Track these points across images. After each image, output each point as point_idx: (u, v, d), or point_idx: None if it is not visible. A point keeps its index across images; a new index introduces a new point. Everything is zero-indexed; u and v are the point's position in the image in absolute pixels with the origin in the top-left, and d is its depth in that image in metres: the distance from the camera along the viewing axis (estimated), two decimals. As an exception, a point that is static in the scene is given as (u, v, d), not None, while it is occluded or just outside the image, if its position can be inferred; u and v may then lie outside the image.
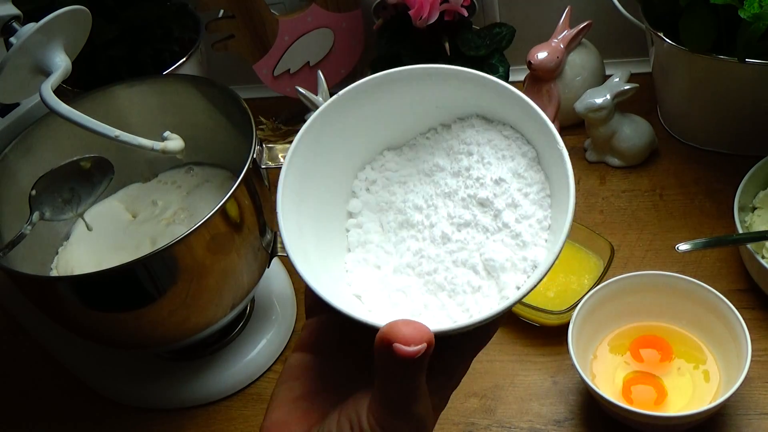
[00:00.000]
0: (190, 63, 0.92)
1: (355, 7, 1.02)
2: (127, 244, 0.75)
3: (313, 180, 0.43)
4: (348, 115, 0.44)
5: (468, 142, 0.43)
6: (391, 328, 0.36)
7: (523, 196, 0.41)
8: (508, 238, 0.41)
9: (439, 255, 0.42)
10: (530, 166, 0.42)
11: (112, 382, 0.80)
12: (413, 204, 0.43)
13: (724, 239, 0.76)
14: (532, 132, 0.42)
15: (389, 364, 0.36)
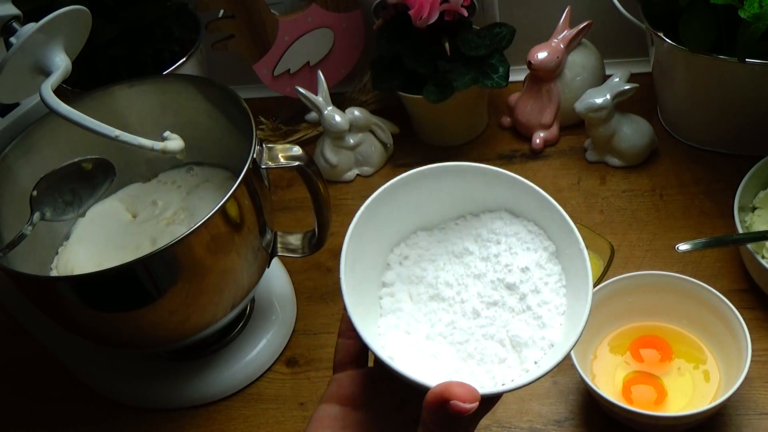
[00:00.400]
0: (190, 63, 0.92)
1: (355, 7, 1.02)
2: (127, 244, 0.75)
3: (358, 253, 0.48)
4: (389, 204, 0.50)
5: (497, 233, 0.49)
6: (447, 387, 0.41)
7: (544, 285, 0.48)
8: (531, 319, 0.47)
9: (470, 328, 0.47)
10: (550, 259, 0.48)
11: (112, 382, 0.80)
12: (444, 280, 0.49)
13: (724, 239, 0.76)
14: (553, 229, 0.49)
15: (442, 420, 0.41)
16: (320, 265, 0.88)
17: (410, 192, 0.50)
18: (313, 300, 0.85)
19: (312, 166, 0.69)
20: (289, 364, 0.79)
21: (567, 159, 0.95)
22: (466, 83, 0.89)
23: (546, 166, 0.95)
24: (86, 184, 0.70)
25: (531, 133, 0.97)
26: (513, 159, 0.97)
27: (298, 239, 0.76)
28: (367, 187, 0.97)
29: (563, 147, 0.97)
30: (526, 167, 0.95)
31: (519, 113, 0.98)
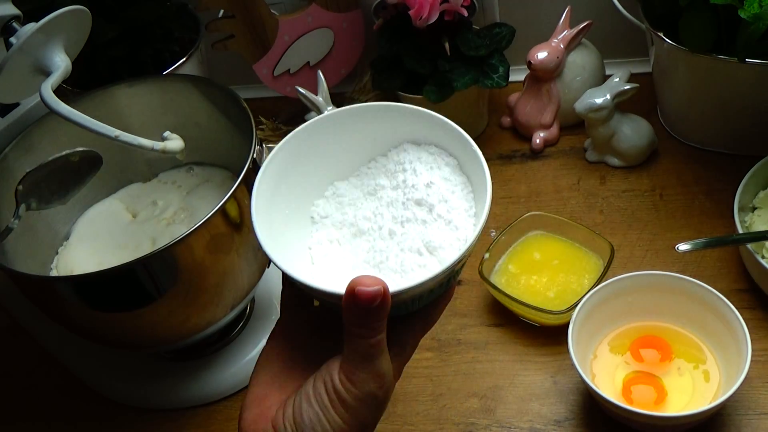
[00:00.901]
0: (190, 63, 0.92)
1: (355, 7, 1.02)
2: (127, 244, 0.76)
3: (280, 194, 0.52)
4: (304, 148, 0.53)
5: (402, 162, 0.53)
6: (355, 280, 0.43)
7: (451, 194, 0.51)
8: (443, 225, 0.50)
9: (389, 247, 0.50)
10: (453, 172, 0.52)
11: (112, 382, 0.80)
12: (363, 216, 0.52)
13: (724, 239, 0.76)
14: (453, 146, 0.52)
15: (354, 314, 0.44)
16: (320, 265, 0.88)
17: (315, 144, 0.53)
18: (313, 300, 0.85)
19: (312, 166, 0.69)
20: (289, 364, 0.79)
21: (567, 159, 0.95)
22: (466, 83, 0.89)
23: (546, 166, 0.95)
24: (73, 175, 0.69)
25: (531, 133, 0.97)
26: (513, 159, 0.97)
27: (298, 239, 0.76)
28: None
29: (563, 147, 0.97)
30: (526, 167, 0.95)
31: (519, 113, 0.98)
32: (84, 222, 0.80)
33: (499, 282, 0.79)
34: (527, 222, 0.82)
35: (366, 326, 0.44)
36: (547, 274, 0.79)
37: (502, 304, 0.78)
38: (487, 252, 0.79)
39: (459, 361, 0.76)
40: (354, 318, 0.44)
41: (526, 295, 0.77)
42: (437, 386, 0.74)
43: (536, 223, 0.82)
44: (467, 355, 0.76)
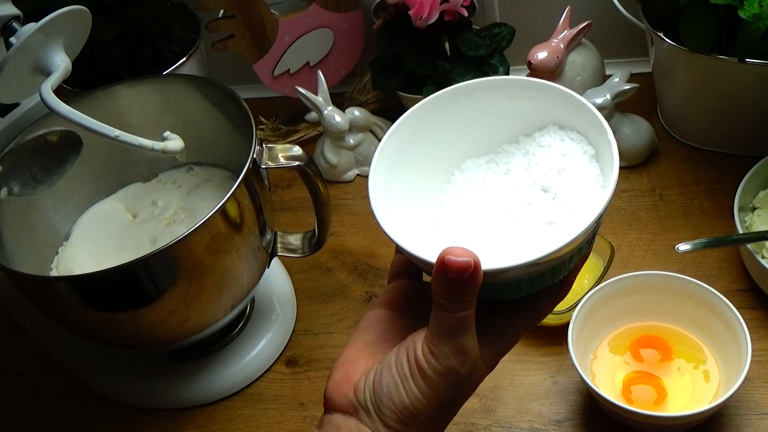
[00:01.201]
0: (190, 63, 0.92)
1: (355, 7, 1.02)
2: (127, 244, 0.76)
3: (404, 165, 0.51)
4: (435, 119, 0.51)
5: (542, 144, 0.51)
6: (446, 250, 0.42)
7: (579, 183, 0.48)
8: (564, 210, 0.47)
9: (503, 227, 0.48)
10: (590, 162, 0.49)
11: (112, 382, 0.80)
12: (489, 193, 0.50)
13: (724, 239, 0.76)
14: (591, 133, 0.49)
15: (443, 285, 0.43)
16: (320, 265, 0.88)
17: (448, 116, 0.51)
18: (313, 300, 0.85)
19: (312, 166, 0.69)
20: (289, 364, 0.79)
21: (567, 159, 0.95)
22: (466, 83, 0.89)
23: (546, 166, 0.94)
24: (54, 158, 0.69)
25: (531, 133, 0.97)
26: (513, 159, 0.96)
27: (298, 239, 0.76)
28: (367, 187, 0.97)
29: (563, 147, 0.97)
30: (526, 167, 0.95)
31: (519, 113, 0.98)
32: (84, 222, 0.80)
33: (499, 282, 0.79)
34: (527, 222, 0.82)
35: (453, 299, 0.43)
36: (547, 274, 0.79)
37: (502, 304, 0.78)
38: (487, 252, 0.79)
39: (459, 361, 0.76)
40: (442, 289, 0.43)
41: (526, 295, 0.77)
42: (437, 386, 0.74)
43: (536, 223, 0.82)
44: (467, 355, 0.76)
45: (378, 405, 0.45)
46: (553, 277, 0.47)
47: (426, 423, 0.46)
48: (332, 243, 0.90)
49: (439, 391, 0.45)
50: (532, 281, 0.46)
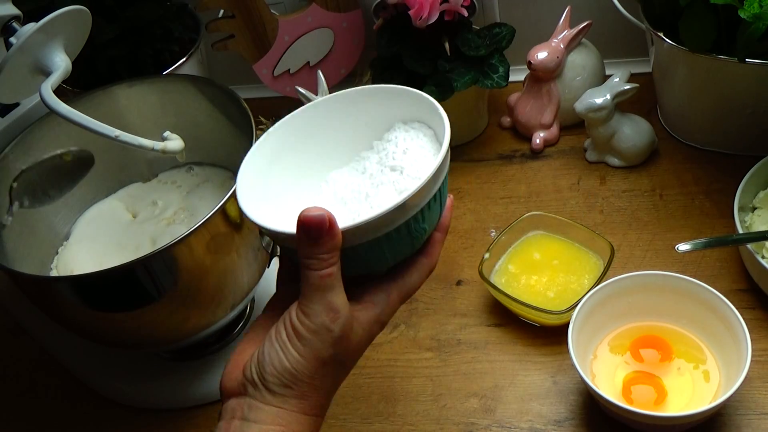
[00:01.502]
0: (190, 63, 0.92)
1: (355, 7, 1.02)
2: (127, 244, 0.76)
3: (271, 177, 0.56)
4: (299, 134, 0.57)
5: (390, 140, 0.56)
6: (303, 211, 0.46)
7: (423, 157, 0.54)
8: (410, 181, 0.52)
9: (362, 207, 0.53)
10: (430, 140, 0.55)
11: (112, 382, 0.80)
12: (350, 190, 0.55)
13: (724, 239, 0.76)
14: (430, 118, 0.55)
15: (305, 244, 0.46)
16: (320, 265, 0.88)
17: (309, 132, 0.57)
18: (313, 300, 0.85)
19: (312, 166, 0.69)
20: (289, 364, 0.79)
21: (567, 159, 0.95)
22: (466, 83, 0.89)
23: (546, 166, 0.95)
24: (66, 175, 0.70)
25: (531, 133, 0.97)
26: (513, 159, 0.97)
27: (298, 239, 0.76)
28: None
29: (563, 147, 0.97)
30: (526, 167, 0.95)
31: (519, 113, 0.98)
32: (84, 222, 0.80)
33: (499, 282, 0.79)
34: (527, 222, 0.82)
35: (316, 255, 0.46)
36: (547, 274, 0.79)
37: (502, 304, 0.78)
38: (487, 252, 0.79)
39: (459, 361, 0.76)
40: (306, 248, 0.46)
41: (526, 295, 0.77)
42: (437, 386, 0.74)
43: (536, 223, 0.82)
44: (467, 355, 0.76)
45: (262, 374, 0.48)
46: (412, 243, 0.51)
47: (309, 383, 0.48)
48: (332, 243, 0.90)
49: (316, 349, 0.48)
50: (392, 245, 0.49)
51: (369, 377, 0.76)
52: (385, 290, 0.51)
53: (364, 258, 0.49)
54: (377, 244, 0.48)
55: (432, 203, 0.50)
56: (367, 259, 0.50)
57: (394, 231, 0.48)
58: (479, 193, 0.93)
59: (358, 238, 0.48)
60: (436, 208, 0.51)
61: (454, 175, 0.95)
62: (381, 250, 0.49)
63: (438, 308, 0.81)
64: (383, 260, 0.50)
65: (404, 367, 0.77)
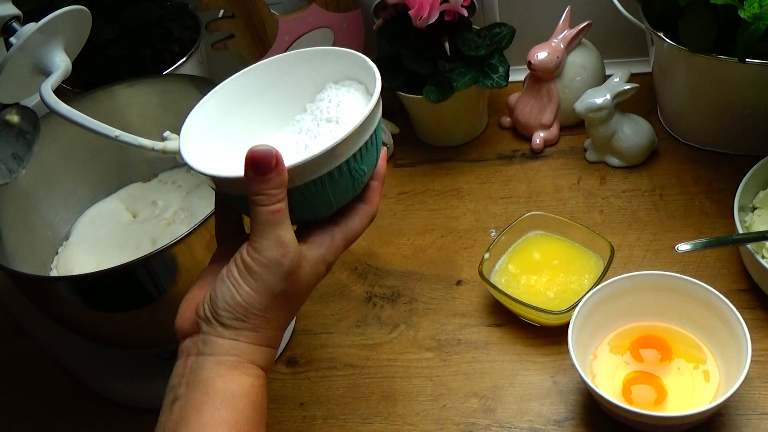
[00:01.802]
0: (190, 63, 0.92)
1: (355, 7, 1.02)
2: (127, 244, 0.76)
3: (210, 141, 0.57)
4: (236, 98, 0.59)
5: (322, 99, 0.58)
6: (249, 150, 0.48)
7: (356, 108, 0.56)
8: (346, 125, 0.54)
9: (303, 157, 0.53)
10: (363, 94, 0.58)
11: (112, 382, 0.80)
12: (287, 146, 0.57)
13: (724, 239, 0.76)
14: (361, 74, 0.57)
15: (253, 181, 0.48)
16: (320, 265, 0.88)
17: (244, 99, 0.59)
18: (313, 300, 0.85)
19: (312, 166, 0.69)
20: (289, 364, 0.79)
21: (567, 159, 0.95)
22: (466, 83, 0.89)
23: (546, 166, 0.95)
24: (19, 139, 0.69)
25: (531, 133, 0.97)
26: (513, 159, 0.97)
27: (298, 239, 0.76)
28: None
29: (563, 147, 0.97)
30: (526, 167, 0.95)
31: (519, 113, 0.98)
32: (84, 222, 0.80)
33: (499, 282, 0.79)
34: (527, 222, 0.82)
35: (265, 192, 0.48)
36: (547, 274, 0.79)
37: (502, 304, 0.78)
38: (487, 252, 0.79)
39: (459, 361, 0.76)
40: (254, 185, 0.48)
41: (526, 295, 0.77)
42: (437, 386, 0.74)
43: (536, 223, 0.82)
44: (467, 355, 0.76)
45: (214, 310, 0.50)
46: (353, 184, 0.53)
47: (261, 316, 0.50)
48: (332, 243, 0.90)
49: (267, 283, 0.49)
50: (335, 186, 0.51)
51: (369, 377, 0.76)
52: (329, 232, 0.53)
53: (309, 200, 0.51)
54: (321, 184, 0.51)
55: (369, 145, 0.53)
56: (312, 201, 0.51)
57: (336, 170, 0.50)
58: (479, 193, 0.93)
59: (304, 177, 0.50)
60: (373, 152, 0.54)
61: (455, 175, 0.95)
62: (325, 192, 0.51)
63: (438, 308, 0.81)
64: (327, 203, 0.52)
65: (404, 367, 0.77)
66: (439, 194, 0.94)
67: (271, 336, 0.52)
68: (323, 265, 0.53)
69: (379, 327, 0.81)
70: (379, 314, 0.82)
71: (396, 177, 0.98)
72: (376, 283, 0.85)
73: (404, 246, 0.88)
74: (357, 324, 0.81)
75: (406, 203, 0.94)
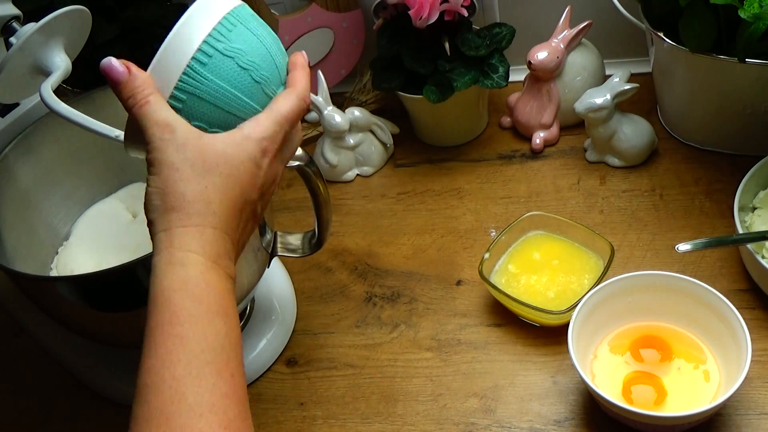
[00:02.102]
0: (190, 63, 0.92)
1: (355, 7, 1.02)
2: (127, 244, 0.75)
3: None
4: None
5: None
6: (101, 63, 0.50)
7: None
8: None
9: None
10: None
11: (112, 382, 0.80)
12: None
13: (724, 239, 0.76)
14: None
15: (116, 92, 0.51)
16: (320, 265, 0.88)
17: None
18: (313, 300, 0.85)
19: (312, 166, 0.69)
20: (289, 364, 0.79)
21: (567, 159, 0.95)
22: (466, 83, 0.89)
23: (546, 166, 0.95)
24: None
25: (531, 133, 0.97)
26: (513, 159, 0.97)
27: (298, 239, 0.76)
28: (367, 187, 0.97)
29: (563, 147, 0.97)
30: (526, 167, 0.95)
31: (519, 113, 0.98)
32: (84, 222, 0.80)
33: (499, 282, 0.79)
34: (527, 222, 0.82)
35: (131, 94, 0.50)
36: (547, 274, 0.79)
37: (502, 304, 0.78)
38: (487, 252, 0.79)
39: (459, 361, 0.76)
40: (118, 94, 0.50)
41: (526, 295, 0.77)
42: (437, 386, 0.74)
43: (536, 223, 0.82)
44: (467, 355, 0.76)
45: (145, 211, 0.50)
46: (243, 68, 0.52)
47: (175, 192, 0.49)
48: (332, 243, 0.90)
49: (166, 161, 0.49)
50: (217, 72, 0.51)
51: (369, 377, 0.76)
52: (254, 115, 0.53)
53: (207, 97, 0.51)
54: (199, 74, 0.51)
55: (233, 23, 0.52)
56: (209, 96, 0.51)
57: (201, 54, 0.51)
58: (479, 193, 0.93)
59: (175, 71, 0.50)
60: (246, 33, 0.53)
61: (455, 175, 0.96)
62: (211, 82, 0.51)
63: (438, 308, 0.81)
64: (225, 93, 0.52)
65: (404, 367, 0.77)
66: (439, 194, 0.94)
67: (201, 211, 0.49)
68: (249, 142, 0.51)
69: (379, 327, 0.81)
70: (379, 314, 0.82)
71: (396, 177, 0.98)
72: (376, 283, 0.85)
73: (404, 246, 0.88)
74: (357, 324, 0.81)
75: (406, 203, 0.94)
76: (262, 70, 0.54)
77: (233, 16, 0.53)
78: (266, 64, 0.54)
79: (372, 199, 0.96)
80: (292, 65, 0.57)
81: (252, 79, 0.53)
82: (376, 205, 0.94)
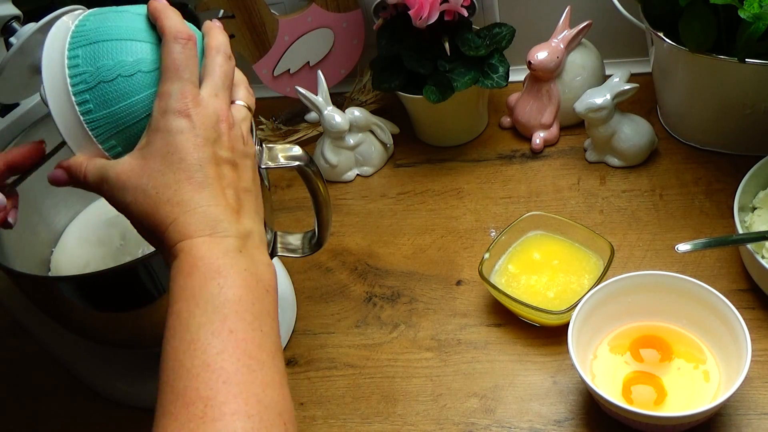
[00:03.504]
0: (190, 63, 0.92)
1: (355, 7, 1.02)
2: (126, 244, 0.75)
3: None
4: None
5: None
6: None
7: None
8: None
9: None
10: None
11: (112, 382, 0.80)
12: None
13: (724, 239, 0.76)
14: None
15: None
16: (320, 265, 0.88)
17: None
18: (313, 300, 0.85)
19: (312, 166, 0.69)
20: (289, 364, 0.79)
21: (567, 159, 0.95)
22: (466, 83, 0.89)
23: (546, 166, 0.95)
24: None
25: (531, 133, 0.97)
26: (513, 159, 0.97)
27: (298, 239, 0.76)
28: (367, 187, 0.97)
29: (563, 147, 0.97)
30: (526, 167, 0.95)
31: (519, 113, 0.98)
32: (83, 222, 0.80)
33: (499, 282, 0.79)
34: (527, 222, 0.82)
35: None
36: (547, 274, 0.79)
37: (502, 304, 0.78)
38: (487, 252, 0.79)
39: (459, 361, 0.76)
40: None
41: (526, 295, 0.77)
42: (437, 386, 0.74)
43: (536, 223, 0.82)
44: (467, 355, 0.76)
45: None
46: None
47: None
48: (332, 243, 0.90)
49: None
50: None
51: (369, 377, 0.76)
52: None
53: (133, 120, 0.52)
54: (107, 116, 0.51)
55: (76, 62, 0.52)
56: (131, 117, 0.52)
57: (84, 101, 0.52)
58: (479, 193, 0.93)
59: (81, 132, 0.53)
60: (94, 50, 0.52)
61: (455, 175, 0.96)
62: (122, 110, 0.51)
63: (438, 308, 0.81)
64: (140, 103, 0.52)
65: (404, 367, 0.77)
66: (439, 194, 0.94)
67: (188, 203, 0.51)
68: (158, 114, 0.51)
69: (379, 327, 0.81)
70: (379, 314, 0.82)
71: (396, 177, 0.98)
72: (376, 283, 0.85)
73: (404, 246, 0.88)
74: (357, 324, 0.81)
75: (406, 203, 0.94)
76: (134, 59, 0.52)
77: (74, 45, 0.53)
78: (132, 51, 0.53)
79: (372, 199, 0.96)
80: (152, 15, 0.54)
81: (135, 71, 0.52)
82: (376, 205, 0.95)
